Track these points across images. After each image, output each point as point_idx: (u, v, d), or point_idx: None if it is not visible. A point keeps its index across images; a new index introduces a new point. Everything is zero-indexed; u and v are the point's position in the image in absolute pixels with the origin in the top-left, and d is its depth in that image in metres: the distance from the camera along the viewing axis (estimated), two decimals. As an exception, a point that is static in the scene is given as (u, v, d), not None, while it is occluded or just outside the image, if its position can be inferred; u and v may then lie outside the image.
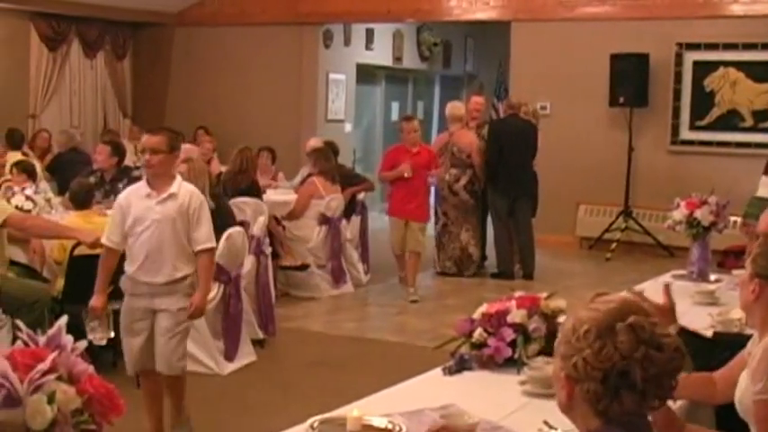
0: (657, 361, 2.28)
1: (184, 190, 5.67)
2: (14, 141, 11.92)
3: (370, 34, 16.67)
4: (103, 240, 5.81)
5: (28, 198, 8.21)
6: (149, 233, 5.57)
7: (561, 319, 3.78)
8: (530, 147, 11.32)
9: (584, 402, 2.33)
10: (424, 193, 10.39)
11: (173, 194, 5.59)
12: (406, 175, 9.94)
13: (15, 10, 14.49)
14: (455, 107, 11.61)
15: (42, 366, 2.10)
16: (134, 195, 5.69)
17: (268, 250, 8.48)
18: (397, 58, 17.71)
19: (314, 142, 11.53)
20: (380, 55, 17.19)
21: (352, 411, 3.03)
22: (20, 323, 2.32)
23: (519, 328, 3.95)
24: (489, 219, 11.74)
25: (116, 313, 5.79)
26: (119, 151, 9.56)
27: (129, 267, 5.68)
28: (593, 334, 2.29)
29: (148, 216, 5.58)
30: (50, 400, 2.10)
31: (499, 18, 14.37)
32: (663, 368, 2.29)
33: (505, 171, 11.12)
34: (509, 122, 11.52)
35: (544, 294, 4.13)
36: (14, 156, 10.62)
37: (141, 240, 5.59)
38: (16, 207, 7.52)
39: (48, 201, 8.60)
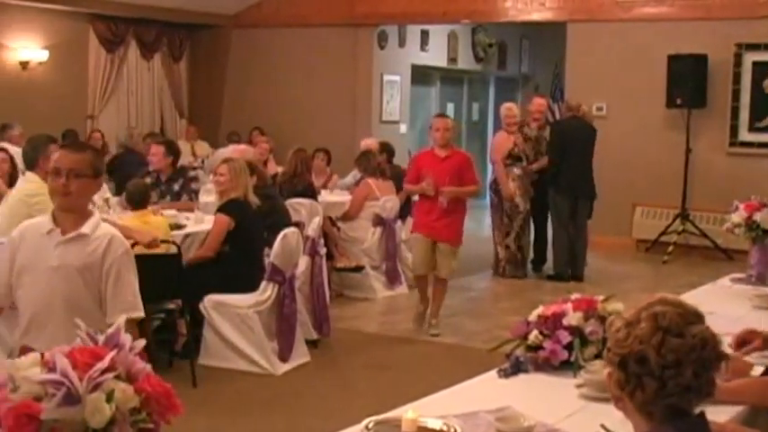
0: (675, 347, 2.29)
1: (102, 231, 4.16)
2: (69, 142, 12.05)
3: (424, 35, 16.69)
4: None
5: (87, 198, 8.26)
6: (40, 287, 4.12)
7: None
8: (591, 148, 11.29)
9: (622, 393, 2.36)
10: (457, 208, 8.52)
11: (82, 235, 4.10)
12: (427, 192, 8.37)
13: (74, 12, 14.66)
14: (503, 109, 11.62)
15: (101, 365, 2.11)
16: (32, 230, 4.20)
17: (323, 251, 8.49)
18: (452, 59, 17.71)
19: (367, 143, 11.55)
20: (435, 56, 17.20)
21: (407, 413, 3.02)
22: (79, 321, 2.33)
23: (575, 331, 3.91)
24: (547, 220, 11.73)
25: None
26: (173, 151, 9.62)
27: (16, 335, 4.32)
28: (623, 326, 2.37)
29: (41, 262, 4.11)
30: (109, 398, 2.11)
31: (555, 19, 14.29)
32: (683, 356, 2.29)
33: (569, 172, 11.09)
34: (571, 124, 11.46)
35: (601, 297, 4.09)
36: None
37: (28, 296, 4.15)
38: (74, 207, 7.58)
39: (105, 201, 8.67)
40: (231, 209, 7.52)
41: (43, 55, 14.47)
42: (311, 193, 9.83)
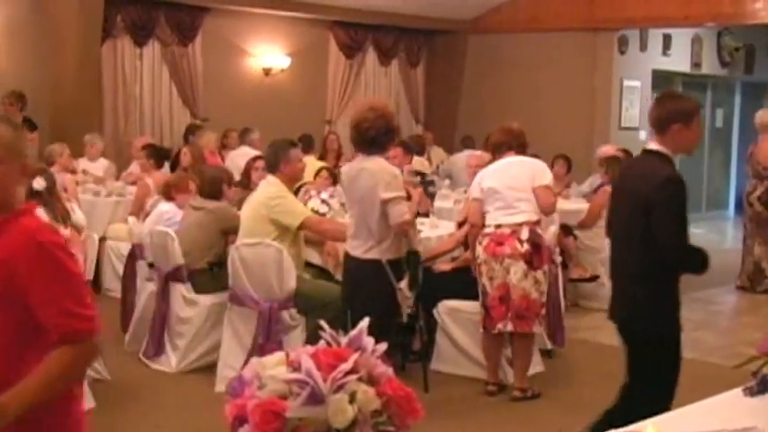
0: None
1: None
2: (305, 146, 12.31)
3: (667, 39, 16.28)
4: None
5: (323, 201, 8.46)
6: None
7: None
8: None
9: None
10: None
11: None
12: None
13: (316, 20, 15.04)
14: (763, 115, 11.09)
15: (345, 366, 2.13)
16: None
17: (558, 260, 8.36)
18: (696, 64, 17.19)
19: (607, 150, 11.30)
20: (677, 60, 16.75)
21: (648, 427, 2.92)
22: (323, 323, 2.36)
23: (831, 351, 3.69)
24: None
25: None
26: (411, 152, 9.73)
27: None
28: None
29: None
30: (352, 399, 2.13)
31: (811, 20, 13.61)
32: None
33: None
34: None
35: None
36: (308, 160, 11.00)
37: None
38: (312, 210, 7.77)
39: (342, 205, 8.83)
40: None
41: (285, 62, 14.90)
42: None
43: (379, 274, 5.87)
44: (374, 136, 5.86)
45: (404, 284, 5.90)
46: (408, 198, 6.54)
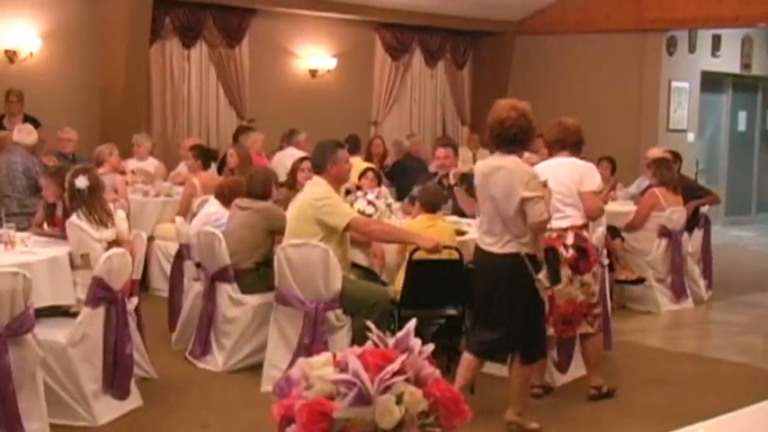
0: None
1: None
2: (352, 147, 12.31)
3: (716, 40, 16.11)
4: None
5: (369, 203, 8.45)
6: None
7: None
8: None
9: None
10: None
11: None
12: None
13: (362, 21, 15.05)
14: None
15: (392, 367, 2.12)
16: None
17: (605, 261, 8.30)
18: (746, 65, 17.00)
19: (655, 152, 11.20)
20: (727, 62, 16.58)
21: (698, 431, 2.87)
22: (370, 323, 2.35)
23: None
24: None
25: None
26: (457, 154, 9.70)
27: None
28: None
29: None
30: (399, 400, 2.12)
31: None
32: None
33: None
34: None
35: None
36: (354, 161, 11.00)
37: None
38: (358, 211, 7.76)
39: (388, 206, 8.82)
40: None
41: (331, 63, 14.91)
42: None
43: (520, 267, 5.94)
44: (516, 134, 6.01)
45: (542, 276, 6.00)
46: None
